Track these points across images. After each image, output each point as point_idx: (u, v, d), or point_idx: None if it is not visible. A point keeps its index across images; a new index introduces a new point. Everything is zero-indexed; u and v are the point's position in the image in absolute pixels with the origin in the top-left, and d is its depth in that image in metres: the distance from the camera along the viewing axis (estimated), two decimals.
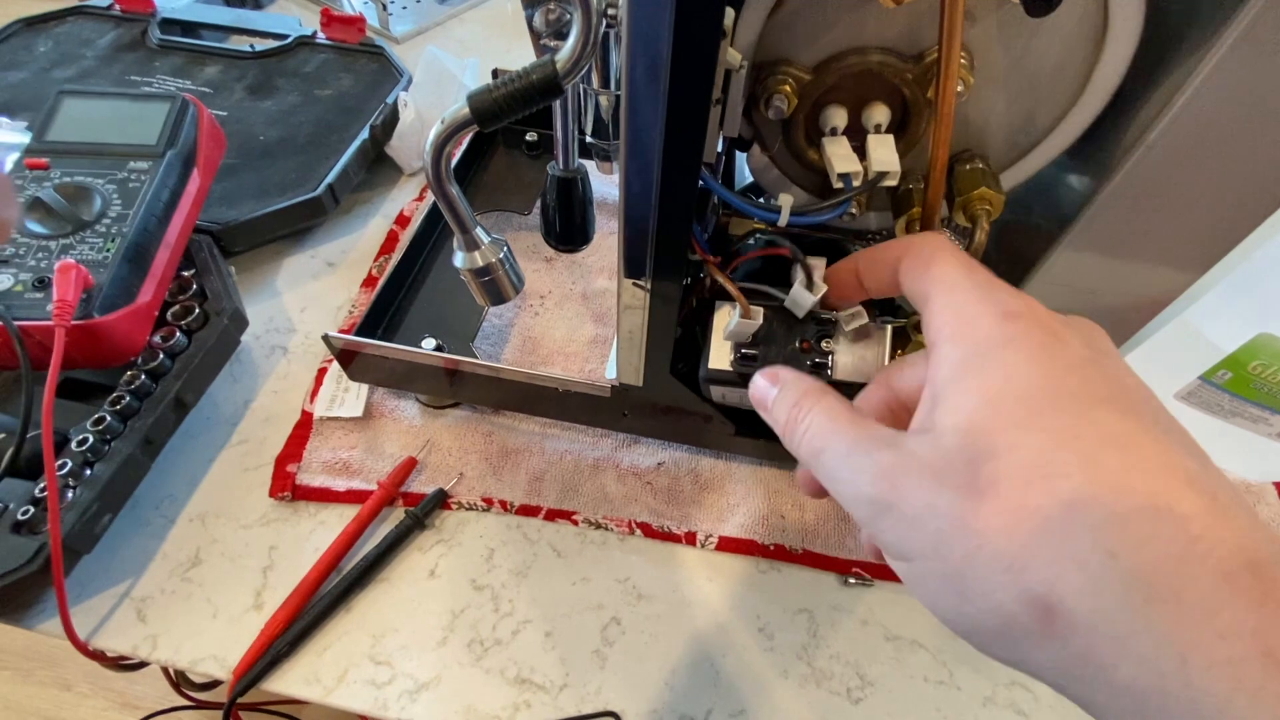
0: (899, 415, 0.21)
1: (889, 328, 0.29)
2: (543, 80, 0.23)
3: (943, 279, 0.18)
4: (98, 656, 0.37)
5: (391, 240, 0.54)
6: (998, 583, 0.14)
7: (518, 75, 0.24)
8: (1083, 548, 0.13)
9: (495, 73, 0.56)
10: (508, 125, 0.59)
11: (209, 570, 0.38)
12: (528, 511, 0.41)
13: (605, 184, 0.48)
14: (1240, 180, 0.25)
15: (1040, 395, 0.15)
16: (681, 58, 0.20)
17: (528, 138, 0.57)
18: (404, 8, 0.77)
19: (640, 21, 0.20)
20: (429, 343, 0.43)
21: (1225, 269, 0.31)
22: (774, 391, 0.20)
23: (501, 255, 0.29)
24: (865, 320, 0.28)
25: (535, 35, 0.26)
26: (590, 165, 0.37)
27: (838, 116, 0.27)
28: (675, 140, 0.23)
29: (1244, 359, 0.37)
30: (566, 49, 0.23)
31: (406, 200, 0.57)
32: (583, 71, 0.24)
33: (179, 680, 0.50)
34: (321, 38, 0.64)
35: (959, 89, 0.24)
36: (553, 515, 0.41)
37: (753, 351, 0.30)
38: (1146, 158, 0.25)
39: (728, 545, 0.40)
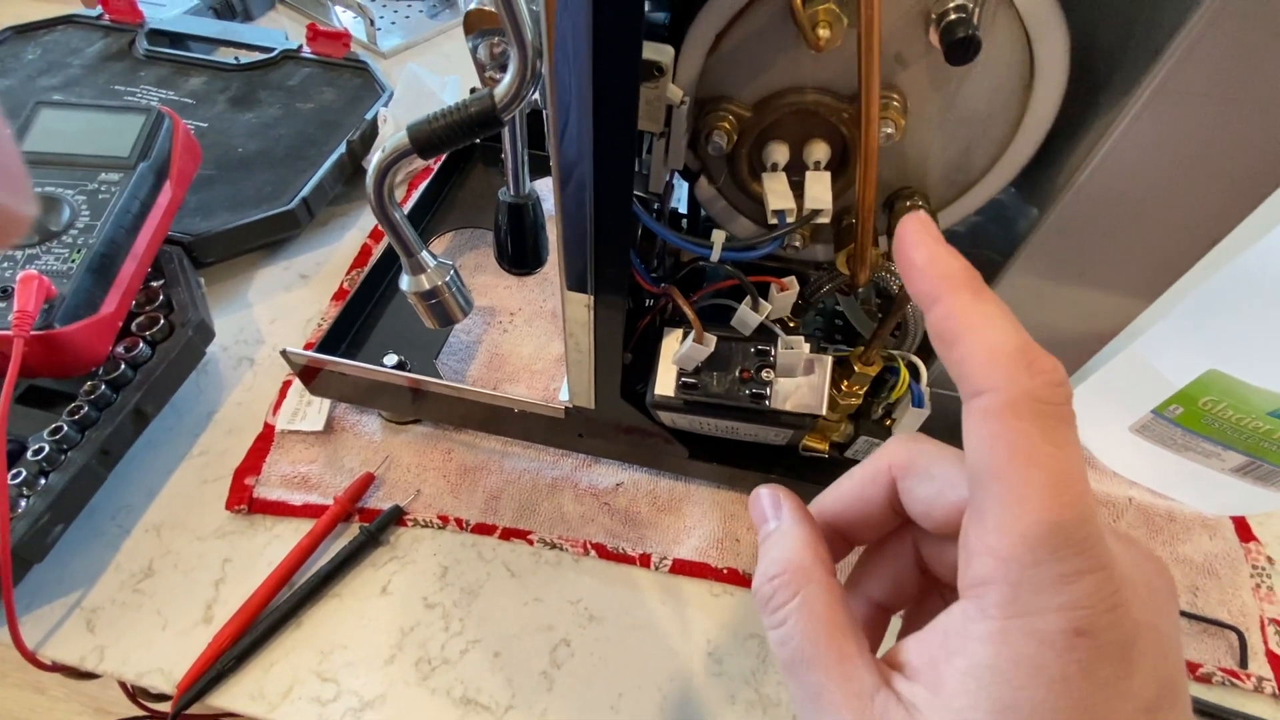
0: (889, 513, 0.18)
1: (829, 358, 0.29)
2: (481, 113, 0.24)
3: (1013, 520, 0.13)
4: (49, 667, 0.37)
5: (365, 254, 0.55)
6: None
7: (457, 107, 0.24)
8: None
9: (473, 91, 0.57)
10: (485, 143, 0.60)
11: (161, 582, 0.38)
12: (483, 530, 0.41)
13: None
14: (1169, 221, 0.26)
15: None
16: (603, 92, 0.21)
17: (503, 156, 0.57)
18: (392, 23, 0.78)
19: (562, 60, 0.20)
20: (391, 359, 0.43)
21: (1169, 303, 0.31)
22: (768, 525, 0.17)
23: (448, 279, 0.29)
24: (804, 350, 0.28)
25: (480, 67, 0.27)
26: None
27: (779, 152, 0.27)
28: (604, 170, 0.23)
29: (1194, 394, 0.38)
30: (504, 84, 0.23)
31: None
32: (522, 104, 0.24)
33: (135, 691, 0.49)
34: (307, 52, 0.65)
35: (890, 130, 0.25)
36: (508, 534, 0.41)
37: (693, 380, 0.30)
38: (1078, 198, 0.26)
39: (682, 568, 0.40)
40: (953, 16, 0.22)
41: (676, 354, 0.30)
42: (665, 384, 0.31)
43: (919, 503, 0.16)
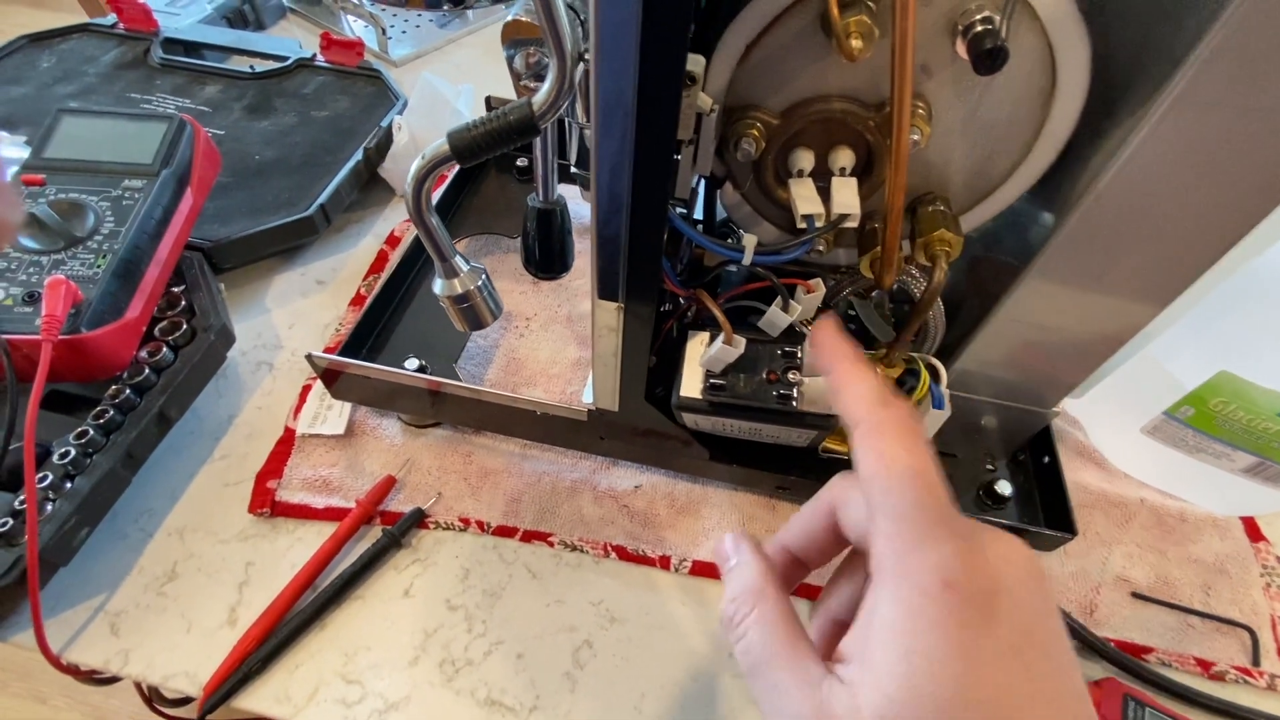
0: (833, 539, 0.21)
1: None
2: (519, 121, 0.24)
3: (888, 505, 0.17)
4: (71, 670, 0.37)
5: (381, 260, 0.55)
6: None
7: (496, 115, 0.25)
8: None
9: (489, 100, 0.58)
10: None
11: (185, 585, 0.39)
12: (504, 532, 0.41)
13: (587, 209, 0.50)
14: (1185, 228, 0.27)
15: (954, 703, 0.15)
16: (646, 104, 0.21)
17: (519, 163, 0.58)
18: (403, 32, 0.78)
19: (607, 71, 0.21)
20: (412, 363, 0.43)
21: (1182, 307, 0.32)
22: (729, 563, 0.21)
23: (479, 283, 0.29)
24: None
25: (515, 76, 0.28)
26: (574, 191, 0.39)
27: (805, 159, 0.28)
28: (642, 179, 0.24)
29: (1205, 396, 0.39)
30: (542, 92, 0.24)
31: (398, 221, 0.58)
32: (558, 113, 0.25)
33: (151, 696, 0.49)
34: (320, 60, 0.66)
35: (916, 138, 0.25)
36: (529, 536, 0.41)
37: (721, 381, 0.30)
38: (1097, 205, 0.26)
39: (701, 569, 0.40)
40: (980, 28, 0.23)
41: (704, 356, 0.30)
42: (691, 386, 0.32)
43: (854, 527, 0.20)
